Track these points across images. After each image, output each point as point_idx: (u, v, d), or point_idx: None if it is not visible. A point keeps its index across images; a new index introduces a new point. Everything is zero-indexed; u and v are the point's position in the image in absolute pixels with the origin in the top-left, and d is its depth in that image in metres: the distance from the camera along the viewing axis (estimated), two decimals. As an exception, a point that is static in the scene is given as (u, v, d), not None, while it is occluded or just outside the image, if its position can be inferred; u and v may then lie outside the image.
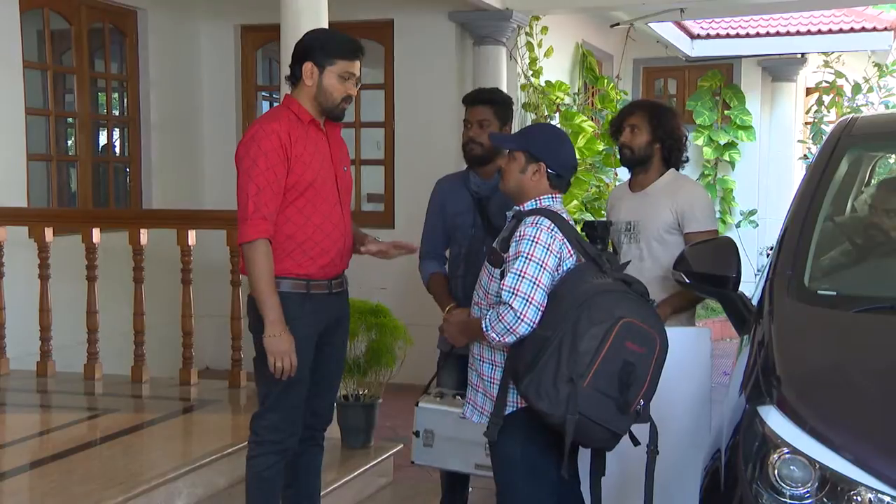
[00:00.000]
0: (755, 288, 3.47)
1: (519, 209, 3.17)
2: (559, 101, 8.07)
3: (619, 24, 9.76)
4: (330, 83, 3.42)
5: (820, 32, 11.06)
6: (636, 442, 3.05)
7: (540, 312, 2.94)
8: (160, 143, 7.63)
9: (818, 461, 2.43)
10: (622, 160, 4.18)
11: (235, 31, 8.16)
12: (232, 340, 5.45)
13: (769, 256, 3.49)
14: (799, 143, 12.01)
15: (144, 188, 7.56)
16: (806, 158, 11.25)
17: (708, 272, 3.32)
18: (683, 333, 3.70)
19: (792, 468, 2.46)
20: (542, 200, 3.15)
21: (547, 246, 3.00)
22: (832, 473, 2.41)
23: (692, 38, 11.29)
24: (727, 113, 11.70)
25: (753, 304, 3.28)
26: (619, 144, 4.16)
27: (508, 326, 2.95)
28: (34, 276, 5.60)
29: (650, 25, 9.72)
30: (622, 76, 10.50)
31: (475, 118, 3.96)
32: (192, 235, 5.39)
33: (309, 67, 3.42)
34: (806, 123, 12.59)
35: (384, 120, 7.99)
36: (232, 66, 8.16)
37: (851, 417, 2.56)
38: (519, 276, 2.96)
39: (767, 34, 11.24)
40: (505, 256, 3.06)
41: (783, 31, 11.17)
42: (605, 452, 3.11)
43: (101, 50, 7.36)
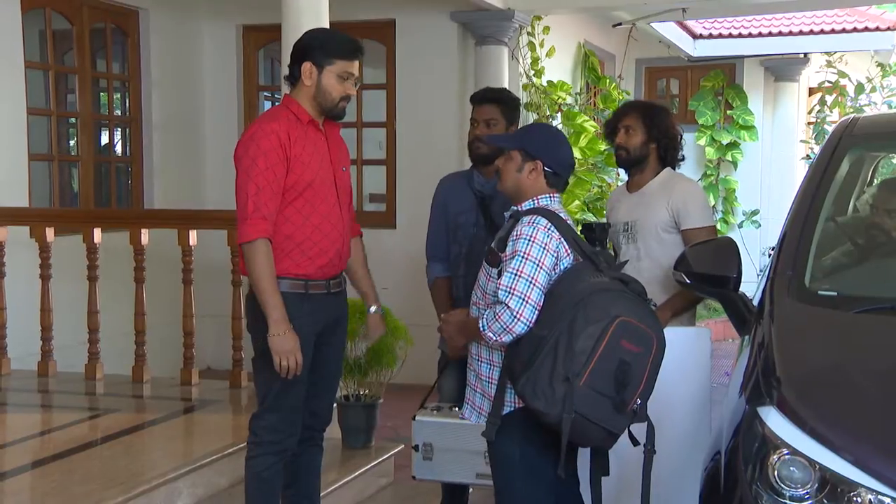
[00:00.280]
0: (756, 288, 3.46)
1: (516, 209, 3.16)
2: (561, 101, 8.07)
3: (621, 23, 9.76)
4: (329, 83, 3.41)
5: (823, 32, 11.04)
6: (636, 442, 3.04)
7: (536, 312, 2.94)
8: (162, 143, 7.63)
9: (818, 462, 2.42)
10: (618, 162, 4.18)
11: (237, 30, 8.16)
12: (233, 340, 5.45)
13: (770, 257, 3.48)
14: (802, 143, 12.00)
15: (146, 188, 7.57)
16: (809, 158, 11.22)
17: (708, 272, 3.31)
18: (683, 334, 3.70)
19: (792, 469, 2.45)
20: (539, 200, 3.14)
21: (544, 245, 2.99)
22: (832, 474, 2.40)
23: (694, 37, 11.28)
24: (730, 113, 11.68)
25: (754, 304, 3.27)
26: (614, 146, 4.15)
27: (505, 326, 2.94)
28: (35, 275, 5.61)
29: (652, 25, 9.71)
30: (624, 76, 10.50)
31: (482, 117, 3.95)
32: (193, 235, 5.40)
33: (308, 67, 3.41)
34: (809, 123, 12.58)
35: (386, 120, 7.98)
36: (234, 66, 8.16)
37: (852, 418, 2.54)
38: (515, 275, 2.95)
39: (770, 34, 11.22)
40: (502, 256, 3.05)
41: (786, 30, 11.16)
42: (606, 452, 3.10)
43: (102, 50, 7.37)
